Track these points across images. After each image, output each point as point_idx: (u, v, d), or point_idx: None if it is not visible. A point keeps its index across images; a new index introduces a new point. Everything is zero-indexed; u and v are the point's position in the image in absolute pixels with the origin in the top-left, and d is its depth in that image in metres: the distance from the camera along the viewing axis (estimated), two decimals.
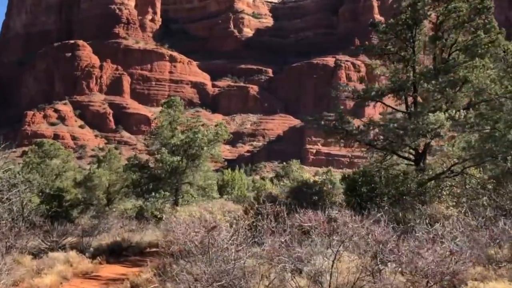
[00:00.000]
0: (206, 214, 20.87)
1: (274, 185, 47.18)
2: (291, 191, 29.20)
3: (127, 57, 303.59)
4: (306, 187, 27.98)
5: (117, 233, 33.46)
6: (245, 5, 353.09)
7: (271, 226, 15.67)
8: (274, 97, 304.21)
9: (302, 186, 28.11)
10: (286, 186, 36.07)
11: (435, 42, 27.97)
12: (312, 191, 27.70)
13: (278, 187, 39.81)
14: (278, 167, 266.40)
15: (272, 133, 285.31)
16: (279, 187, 38.56)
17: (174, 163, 41.65)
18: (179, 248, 15.53)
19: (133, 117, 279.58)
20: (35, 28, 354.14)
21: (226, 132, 43.78)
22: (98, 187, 50.31)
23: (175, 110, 44.41)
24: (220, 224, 15.47)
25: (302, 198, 25.44)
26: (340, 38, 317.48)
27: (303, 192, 27.28)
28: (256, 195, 30.62)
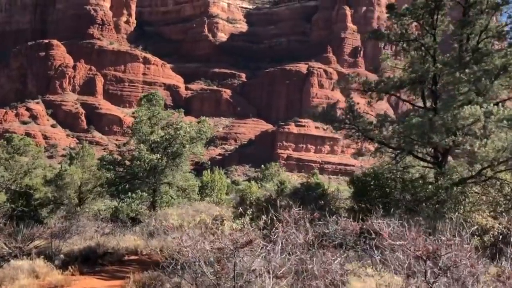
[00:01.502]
0: (207, 218, 17.14)
1: (260, 187, 43.66)
2: (292, 194, 25.42)
3: (101, 57, 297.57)
4: (307, 190, 24.37)
5: (90, 236, 29.46)
6: (220, 10, 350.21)
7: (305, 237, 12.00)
8: (246, 102, 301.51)
9: (302, 189, 24.49)
10: (285, 189, 32.49)
11: (463, 28, 24.50)
12: (316, 194, 24.11)
13: (265, 189, 36.27)
14: (249, 170, 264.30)
15: (244, 137, 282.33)
16: (272, 190, 35.00)
17: (153, 161, 37.68)
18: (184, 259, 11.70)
19: (105, 117, 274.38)
20: (10, 26, 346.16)
21: (209, 129, 40.06)
22: (69, 186, 45.78)
23: (155, 104, 40.47)
24: (256, 238, 11.48)
25: (307, 202, 21.99)
26: (313, 45, 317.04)
27: (307, 195, 23.68)
28: (251, 198, 26.87)
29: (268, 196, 25.14)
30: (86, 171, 48.08)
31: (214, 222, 20.08)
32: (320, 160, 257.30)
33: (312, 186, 25.46)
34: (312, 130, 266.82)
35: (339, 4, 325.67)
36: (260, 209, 19.10)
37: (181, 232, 13.79)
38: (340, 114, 26.86)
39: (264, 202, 22.39)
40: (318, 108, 27.58)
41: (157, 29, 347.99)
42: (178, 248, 12.25)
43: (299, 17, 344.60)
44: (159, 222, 28.78)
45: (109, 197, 43.32)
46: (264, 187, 39.50)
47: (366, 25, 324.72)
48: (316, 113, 27.19)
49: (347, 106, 26.22)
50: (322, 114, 26.92)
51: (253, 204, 23.24)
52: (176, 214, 17.88)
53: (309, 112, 28.93)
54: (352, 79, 27.39)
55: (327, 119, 26.62)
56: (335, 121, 26.11)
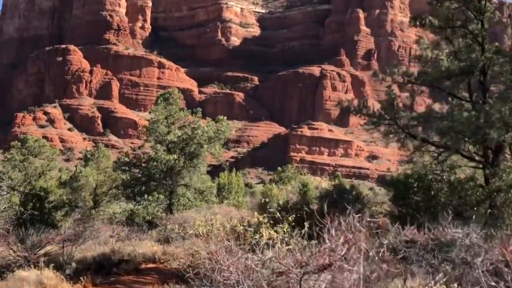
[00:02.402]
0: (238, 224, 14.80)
1: (280, 190, 41.30)
2: (323, 197, 22.74)
3: (116, 62, 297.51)
4: (340, 193, 21.81)
5: (105, 241, 27.33)
6: (233, 15, 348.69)
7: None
8: (259, 105, 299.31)
9: (335, 192, 21.93)
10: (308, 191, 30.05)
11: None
12: (351, 198, 21.55)
13: (289, 192, 33.87)
14: (262, 173, 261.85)
15: (257, 140, 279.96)
16: (295, 193, 32.56)
17: (170, 161, 35.53)
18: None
19: (121, 121, 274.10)
20: (28, 32, 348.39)
21: (228, 129, 37.85)
22: (84, 188, 43.84)
23: (172, 103, 38.36)
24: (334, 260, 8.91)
25: (340, 206, 19.69)
26: (326, 48, 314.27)
27: (340, 199, 21.18)
28: (278, 203, 24.29)
29: (298, 200, 22.53)
30: (101, 173, 46.15)
31: (244, 227, 17.62)
32: (333, 163, 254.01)
33: (345, 188, 22.78)
34: (325, 133, 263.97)
35: (352, 7, 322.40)
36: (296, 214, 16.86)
37: (208, 240, 11.52)
38: (377, 109, 24.25)
39: (296, 205, 20.09)
40: (353, 102, 24.85)
41: (171, 34, 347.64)
42: (211, 262, 9.96)
43: (311, 20, 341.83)
44: (179, 227, 26.59)
45: (125, 200, 41.29)
46: (286, 190, 37.16)
47: (380, 28, 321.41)
48: (350, 106, 24.68)
49: (388, 99, 23.63)
50: (357, 108, 24.35)
51: (284, 208, 20.88)
52: (200, 218, 15.58)
53: (341, 105, 25.48)
54: (391, 70, 24.69)
55: (363, 113, 23.99)
56: (373, 116, 23.48)
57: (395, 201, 21.59)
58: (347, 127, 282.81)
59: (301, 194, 37.71)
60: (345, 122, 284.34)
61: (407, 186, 21.34)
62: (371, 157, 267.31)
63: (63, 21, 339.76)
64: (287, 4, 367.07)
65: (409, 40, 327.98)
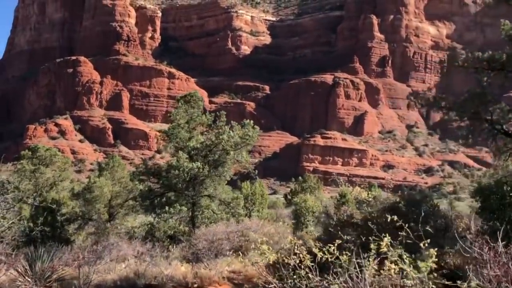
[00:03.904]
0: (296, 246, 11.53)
1: (315, 200, 37.97)
2: (389, 210, 18.93)
3: (126, 73, 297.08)
4: (409, 205, 18.33)
5: (124, 258, 24.21)
6: (243, 23, 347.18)
7: None
8: (271, 114, 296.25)
9: (403, 204, 18.40)
10: (347, 202, 26.69)
11: None
12: (425, 210, 17.96)
13: (324, 204, 30.55)
14: (274, 184, 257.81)
15: (269, 150, 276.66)
16: (331, 204, 29.25)
17: (194, 170, 32.37)
18: None
19: (131, 132, 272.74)
20: (39, 44, 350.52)
21: (256, 133, 34.70)
22: (98, 200, 40.89)
23: (193, 106, 35.31)
24: None
25: (412, 221, 16.37)
26: (339, 55, 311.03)
27: (410, 212, 17.71)
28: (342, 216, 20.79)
29: (368, 212, 18.96)
30: (117, 183, 43.20)
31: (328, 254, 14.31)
32: (348, 173, 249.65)
33: (416, 200, 19.11)
34: (339, 142, 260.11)
35: (365, 13, 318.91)
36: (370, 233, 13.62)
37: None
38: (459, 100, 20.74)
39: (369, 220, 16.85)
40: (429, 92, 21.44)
41: (181, 44, 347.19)
42: None
43: (323, 27, 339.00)
44: (208, 243, 23.43)
45: (143, 212, 38.22)
46: (322, 201, 33.93)
47: (394, 34, 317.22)
48: (427, 98, 21.11)
49: (481, 87, 20.13)
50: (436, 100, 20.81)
51: (346, 223, 17.66)
52: (262, 238, 12.20)
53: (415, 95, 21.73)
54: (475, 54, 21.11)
55: (443, 106, 20.44)
56: (456, 108, 19.86)
57: (486, 215, 17.86)
58: (362, 136, 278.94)
59: (339, 206, 34.42)
60: (359, 131, 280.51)
61: (503, 198, 17.37)
62: (386, 166, 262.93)
63: (73, 32, 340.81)
64: (298, 11, 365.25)
65: (424, 46, 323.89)
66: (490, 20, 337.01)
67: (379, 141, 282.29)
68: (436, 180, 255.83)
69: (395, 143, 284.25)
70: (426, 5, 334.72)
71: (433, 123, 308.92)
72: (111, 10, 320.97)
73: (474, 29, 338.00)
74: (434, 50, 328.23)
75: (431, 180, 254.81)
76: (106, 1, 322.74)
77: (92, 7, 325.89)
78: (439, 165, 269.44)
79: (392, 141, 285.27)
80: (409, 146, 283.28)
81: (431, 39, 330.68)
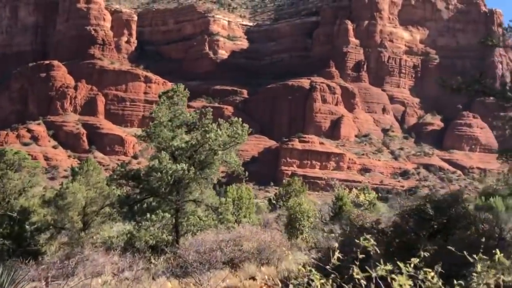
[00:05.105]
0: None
1: (309, 205, 34.82)
2: (411, 214, 15.56)
3: (102, 77, 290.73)
4: (437, 209, 15.14)
5: (103, 275, 20.68)
6: (220, 28, 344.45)
7: None
8: (249, 118, 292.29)
9: (430, 207, 15.15)
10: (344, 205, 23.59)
11: None
12: (456, 213, 14.81)
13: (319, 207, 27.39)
14: (253, 188, 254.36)
15: (247, 154, 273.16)
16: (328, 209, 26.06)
17: (178, 172, 28.97)
18: None
19: (107, 137, 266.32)
20: (10, 48, 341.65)
21: (245, 132, 31.51)
22: (72, 207, 37.08)
23: (177, 102, 31.93)
24: None
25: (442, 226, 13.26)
26: (315, 60, 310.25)
27: (438, 216, 14.52)
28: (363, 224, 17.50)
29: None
30: (92, 189, 39.39)
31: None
32: (325, 176, 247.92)
33: (444, 202, 15.84)
34: (316, 146, 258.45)
35: (341, 19, 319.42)
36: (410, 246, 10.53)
37: None
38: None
39: (398, 227, 13.71)
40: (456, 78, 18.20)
41: (158, 48, 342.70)
42: None
43: (300, 32, 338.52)
44: (199, 254, 20.09)
45: (121, 220, 34.62)
46: (316, 204, 30.85)
47: (369, 39, 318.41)
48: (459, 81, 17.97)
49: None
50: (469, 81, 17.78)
51: (377, 230, 14.49)
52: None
53: (441, 80, 18.82)
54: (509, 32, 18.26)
55: (481, 90, 17.41)
56: (502, 92, 16.61)
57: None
58: (338, 140, 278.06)
59: (336, 210, 31.41)
60: (336, 135, 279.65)
61: None
62: (363, 170, 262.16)
63: (47, 36, 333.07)
64: (274, 16, 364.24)
65: (399, 51, 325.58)
66: (462, 26, 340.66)
67: (356, 144, 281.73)
68: (412, 183, 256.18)
69: (371, 146, 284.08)
70: (400, 11, 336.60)
71: (408, 126, 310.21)
72: (86, 13, 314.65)
73: (447, 34, 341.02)
74: (408, 55, 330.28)
75: (407, 183, 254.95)
76: (81, 4, 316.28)
77: (66, 11, 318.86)
78: (414, 168, 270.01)
79: (368, 144, 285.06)
80: (385, 149, 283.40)
81: (405, 44, 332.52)
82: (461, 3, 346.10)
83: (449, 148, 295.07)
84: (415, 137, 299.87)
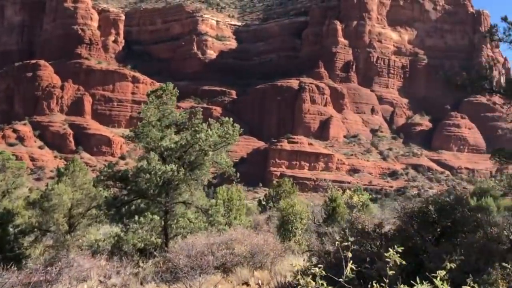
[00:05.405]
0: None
1: (302, 206, 34.07)
2: (413, 216, 14.75)
3: (89, 77, 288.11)
4: (441, 211, 14.37)
5: (89, 280, 19.81)
6: (209, 27, 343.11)
7: None
8: (237, 119, 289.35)
9: (434, 210, 14.38)
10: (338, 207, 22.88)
11: None
12: (462, 215, 14.09)
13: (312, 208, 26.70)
14: (242, 189, 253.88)
15: (236, 155, 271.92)
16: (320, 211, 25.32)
17: (167, 173, 28.12)
18: None
19: (93, 138, 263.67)
20: None
21: (237, 132, 30.75)
22: (57, 209, 36.05)
23: (166, 102, 31.08)
24: None
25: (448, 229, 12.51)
26: (304, 61, 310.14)
27: (442, 218, 13.75)
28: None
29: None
30: (78, 190, 38.36)
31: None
32: (314, 177, 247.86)
33: (449, 204, 14.94)
34: (305, 147, 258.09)
35: (330, 19, 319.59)
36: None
37: None
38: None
39: (404, 231, 12.94)
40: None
41: (145, 48, 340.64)
42: None
43: (288, 33, 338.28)
44: (190, 259, 19.27)
45: (108, 222, 33.67)
46: (309, 205, 30.13)
47: (358, 40, 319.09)
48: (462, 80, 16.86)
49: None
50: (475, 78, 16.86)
51: (380, 234, 13.75)
52: None
53: (445, 76, 17.96)
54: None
55: (485, 85, 16.39)
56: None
57: None
58: (327, 141, 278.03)
59: (329, 211, 30.72)
60: (325, 135, 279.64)
61: None
62: (352, 170, 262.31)
63: (33, 36, 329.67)
64: (263, 16, 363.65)
65: (387, 51, 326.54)
66: (450, 27, 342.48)
67: (345, 145, 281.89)
68: (401, 184, 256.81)
69: (360, 147, 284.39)
70: (389, 11, 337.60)
71: (397, 127, 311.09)
72: (73, 13, 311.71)
73: (435, 35, 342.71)
74: (397, 55, 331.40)
75: (396, 184, 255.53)
76: (68, 4, 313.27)
77: (53, 10, 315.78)
78: (403, 169, 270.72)
79: (357, 145, 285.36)
80: (374, 150, 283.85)
81: (393, 44, 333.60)
82: (449, 4, 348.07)
83: (438, 148, 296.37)
84: (404, 138, 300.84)
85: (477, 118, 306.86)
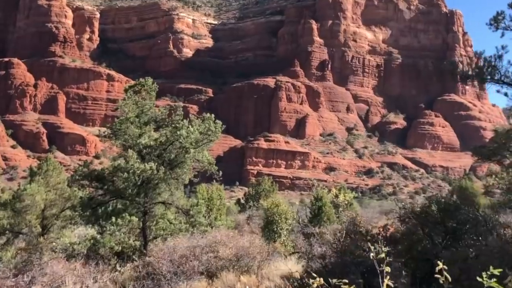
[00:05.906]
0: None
1: (287, 206, 32.86)
2: (414, 217, 13.52)
3: (63, 75, 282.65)
4: (445, 213, 13.25)
5: (63, 286, 18.28)
6: (185, 26, 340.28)
7: None
8: (214, 117, 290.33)
9: (437, 212, 13.25)
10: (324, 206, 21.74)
11: None
12: (466, 218, 12.94)
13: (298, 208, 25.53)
14: None
15: (212, 153, 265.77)
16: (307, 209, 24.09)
17: (146, 172, 26.63)
18: None
19: (67, 137, 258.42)
20: None
21: (219, 128, 29.41)
22: (29, 210, 34.25)
23: (144, 98, 29.56)
24: None
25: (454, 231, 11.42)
26: (280, 59, 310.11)
27: (447, 220, 12.63)
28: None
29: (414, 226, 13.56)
30: (52, 190, 36.59)
31: None
32: (291, 175, 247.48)
33: (452, 205, 13.72)
34: (282, 145, 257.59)
35: (305, 18, 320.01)
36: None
37: None
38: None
39: (413, 235, 11.76)
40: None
41: (121, 46, 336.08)
42: None
43: (264, 31, 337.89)
44: (173, 264, 17.89)
45: (84, 224, 31.99)
46: (294, 205, 28.87)
47: (333, 39, 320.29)
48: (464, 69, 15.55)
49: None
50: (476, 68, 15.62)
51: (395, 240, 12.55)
52: None
53: (450, 65, 16.64)
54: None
55: (493, 74, 15.26)
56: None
57: None
58: (304, 139, 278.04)
59: (315, 211, 29.58)
60: (301, 134, 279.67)
61: None
62: (328, 168, 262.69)
63: (6, 33, 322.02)
64: (239, 15, 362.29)
65: (362, 51, 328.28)
66: (423, 26, 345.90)
67: (321, 143, 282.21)
68: (376, 182, 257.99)
69: (336, 145, 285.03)
70: (363, 11, 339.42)
71: (372, 125, 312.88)
72: (47, 10, 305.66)
73: (409, 34, 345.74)
74: (372, 54, 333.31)
75: (371, 182, 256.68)
76: (42, 1, 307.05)
77: (26, 7, 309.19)
78: (378, 167, 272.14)
79: (333, 143, 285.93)
80: (350, 148, 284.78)
81: (368, 43, 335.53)
82: (422, 3, 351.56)
83: (412, 146, 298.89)
84: (379, 136, 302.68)
85: (451, 117, 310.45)
